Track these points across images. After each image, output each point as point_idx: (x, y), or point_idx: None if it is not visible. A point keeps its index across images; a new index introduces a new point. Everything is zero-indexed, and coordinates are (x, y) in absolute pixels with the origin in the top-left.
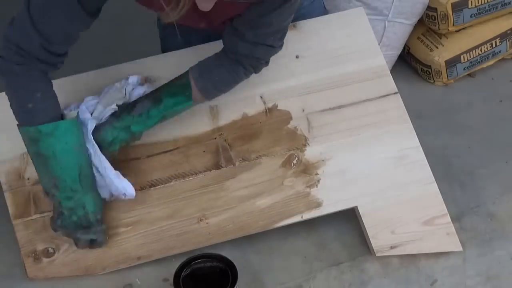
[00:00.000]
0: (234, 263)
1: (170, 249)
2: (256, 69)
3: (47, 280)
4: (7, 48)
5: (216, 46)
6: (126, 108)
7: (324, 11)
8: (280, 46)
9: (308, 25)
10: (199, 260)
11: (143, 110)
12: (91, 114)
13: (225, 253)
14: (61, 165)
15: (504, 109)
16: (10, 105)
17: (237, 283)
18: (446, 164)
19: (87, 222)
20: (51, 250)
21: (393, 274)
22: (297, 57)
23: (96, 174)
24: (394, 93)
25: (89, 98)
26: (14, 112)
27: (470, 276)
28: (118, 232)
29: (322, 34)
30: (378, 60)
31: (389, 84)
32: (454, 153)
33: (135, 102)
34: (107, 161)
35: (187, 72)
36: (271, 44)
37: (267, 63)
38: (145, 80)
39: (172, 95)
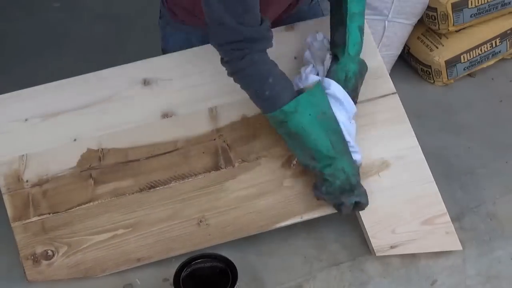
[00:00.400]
0: (234, 263)
1: (170, 250)
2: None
3: (47, 281)
4: (225, 52)
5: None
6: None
7: (322, 16)
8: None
9: (306, 26)
10: (199, 260)
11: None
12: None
13: (225, 253)
14: (313, 138)
15: (504, 109)
16: (252, 100)
17: (237, 283)
18: (446, 164)
19: (349, 185)
20: (50, 253)
21: (393, 274)
22: (295, 58)
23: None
24: (393, 93)
25: (306, 69)
26: (256, 104)
27: (470, 276)
28: (118, 234)
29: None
30: (376, 61)
31: (387, 84)
32: (454, 153)
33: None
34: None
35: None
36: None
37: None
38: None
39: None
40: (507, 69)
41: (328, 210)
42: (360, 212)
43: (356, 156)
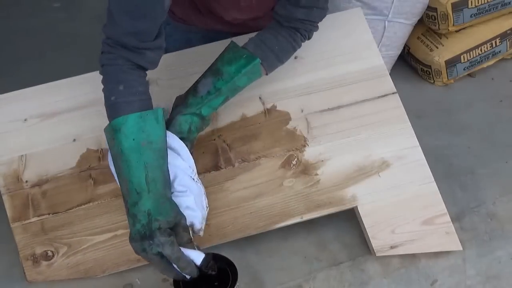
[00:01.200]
0: (234, 263)
1: None
2: (310, 34)
3: (46, 281)
4: (103, 43)
5: (216, 47)
6: (189, 93)
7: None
8: (327, 8)
9: None
10: None
11: (209, 88)
12: None
13: (225, 253)
14: (127, 164)
15: (504, 109)
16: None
17: (237, 283)
18: (446, 164)
19: (149, 231)
20: (50, 253)
21: (393, 274)
22: (295, 57)
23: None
24: (393, 93)
25: None
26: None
27: (470, 276)
28: (118, 234)
29: (320, 34)
30: (377, 60)
31: (388, 84)
32: (454, 153)
33: (196, 85)
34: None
35: (237, 46)
36: (322, 6)
37: (317, 27)
38: None
39: (229, 63)
40: (507, 69)
41: (328, 211)
42: (361, 212)
43: (191, 218)
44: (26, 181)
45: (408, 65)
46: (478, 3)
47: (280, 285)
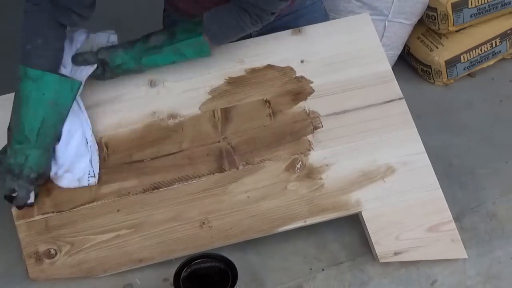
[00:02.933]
0: (234, 263)
1: (172, 252)
2: (262, 20)
3: (49, 280)
4: None
5: (218, 48)
6: (141, 39)
7: (325, 14)
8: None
9: (313, 30)
10: (199, 260)
11: (157, 43)
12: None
13: (225, 253)
14: (28, 110)
15: (504, 109)
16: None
17: (237, 283)
18: (446, 164)
19: (19, 171)
20: (53, 252)
21: (393, 274)
22: (302, 61)
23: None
24: (399, 99)
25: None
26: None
27: (470, 276)
28: (120, 234)
29: (327, 39)
30: (383, 66)
31: (395, 89)
32: (454, 153)
33: (150, 34)
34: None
35: (202, 14)
36: None
37: (273, 14)
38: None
39: (185, 31)
40: (507, 69)
41: (331, 215)
42: (365, 217)
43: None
44: None
45: (408, 65)
46: (478, 3)
47: (280, 285)
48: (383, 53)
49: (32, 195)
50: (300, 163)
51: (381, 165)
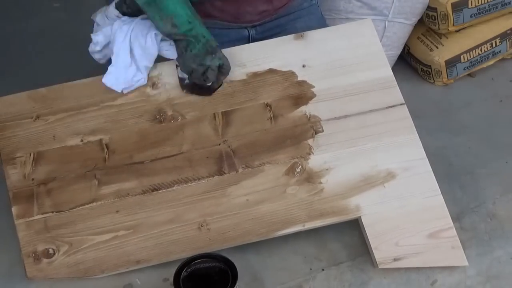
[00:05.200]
0: (234, 263)
1: (170, 253)
2: None
3: (46, 279)
4: None
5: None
6: None
7: (322, 17)
8: None
9: (316, 35)
10: (199, 260)
11: None
12: None
13: (225, 253)
14: (173, 2)
15: (504, 109)
16: None
17: (237, 283)
18: (446, 164)
19: (211, 47)
20: (51, 251)
21: (393, 274)
22: (303, 66)
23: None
24: (401, 104)
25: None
26: None
27: (470, 276)
28: (119, 235)
29: (329, 44)
30: (385, 71)
31: (396, 95)
32: (454, 153)
33: None
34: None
35: None
36: None
37: None
38: None
39: None
40: (507, 69)
41: (331, 220)
42: (364, 223)
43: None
44: (33, 179)
45: (408, 65)
46: (478, 3)
47: (280, 285)
48: (385, 59)
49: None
50: (300, 167)
51: (381, 170)
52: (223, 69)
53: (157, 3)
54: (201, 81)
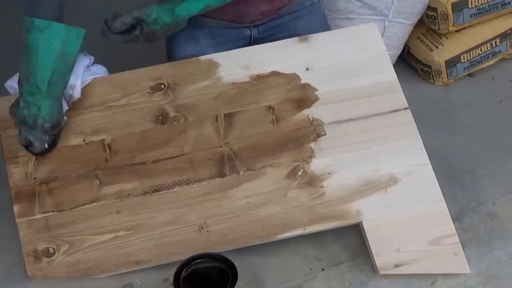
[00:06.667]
0: (234, 263)
1: (170, 255)
2: None
3: (46, 279)
4: None
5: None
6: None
7: (323, 16)
8: None
9: (320, 38)
10: (199, 260)
11: None
12: None
13: (225, 253)
14: (37, 61)
15: (504, 109)
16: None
17: (237, 283)
18: (446, 164)
19: (33, 122)
20: (51, 250)
21: (393, 275)
22: (307, 69)
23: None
24: (405, 109)
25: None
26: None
27: (470, 276)
28: (119, 236)
29: (333, 47)
30: (389, 75)
31: (400, 99)
32: (454, 153)
33: None
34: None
35: None
36: None
37: None
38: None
39: None
40: (507, 69)
41: (331, 224)
42: (365, 228)
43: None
44: (35, 178)
45: (408, 65)
46: (478, 3)
47: (280, 285)
48: (389, 63)
49: (46, 144)
50: (301, 170)
51: (383, 175)
52: (30, 146)
53: (30, 51)
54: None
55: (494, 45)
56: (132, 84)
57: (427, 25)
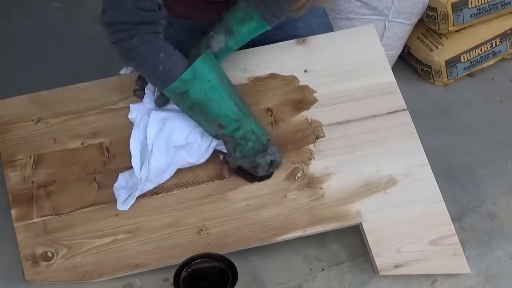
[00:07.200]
0: (234, 263)
1: (169, 258)
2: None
3: (44, 282)
4: (114, 32)
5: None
6: (201, 46)
7: (324, 14)
8: (284, 14)
9: (318, 40)
10: (199, 260)
11: (221, 45)
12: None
13: (225, 253)
14: (217, 102)
15: (504, 109)
16: (149, 81)
17: (237, 283)
18: (446, 164)
19: (262, 145)
20: (50, 254)
21: (393, 274)
22: (305, 71)
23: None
24: (403, 110)
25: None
26: (153, 83)
27: (470, 276)
28: (118, 239)
29: (331, 49)
30: (388, 77)
31: (398, 100)
32: (454, 153)
33: (208, 39)
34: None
35: (247, 4)
36: (280, 7)
37: (277, 18)
38: None
39: (240, 23)
40: (507, 69)
41: (331, 225)
42: (365, 229)
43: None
44: (32, 182)
45: (408, 65)
46: (478, 3)
47: (280, 285)
48: (387, 65)
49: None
50: (300, 172)
51: (383, 176)
52: (274, 163)
53: (200, 107)
54: (250, 171)
55: (494, 45)
56: (131, 87)
57: (427, 25)
